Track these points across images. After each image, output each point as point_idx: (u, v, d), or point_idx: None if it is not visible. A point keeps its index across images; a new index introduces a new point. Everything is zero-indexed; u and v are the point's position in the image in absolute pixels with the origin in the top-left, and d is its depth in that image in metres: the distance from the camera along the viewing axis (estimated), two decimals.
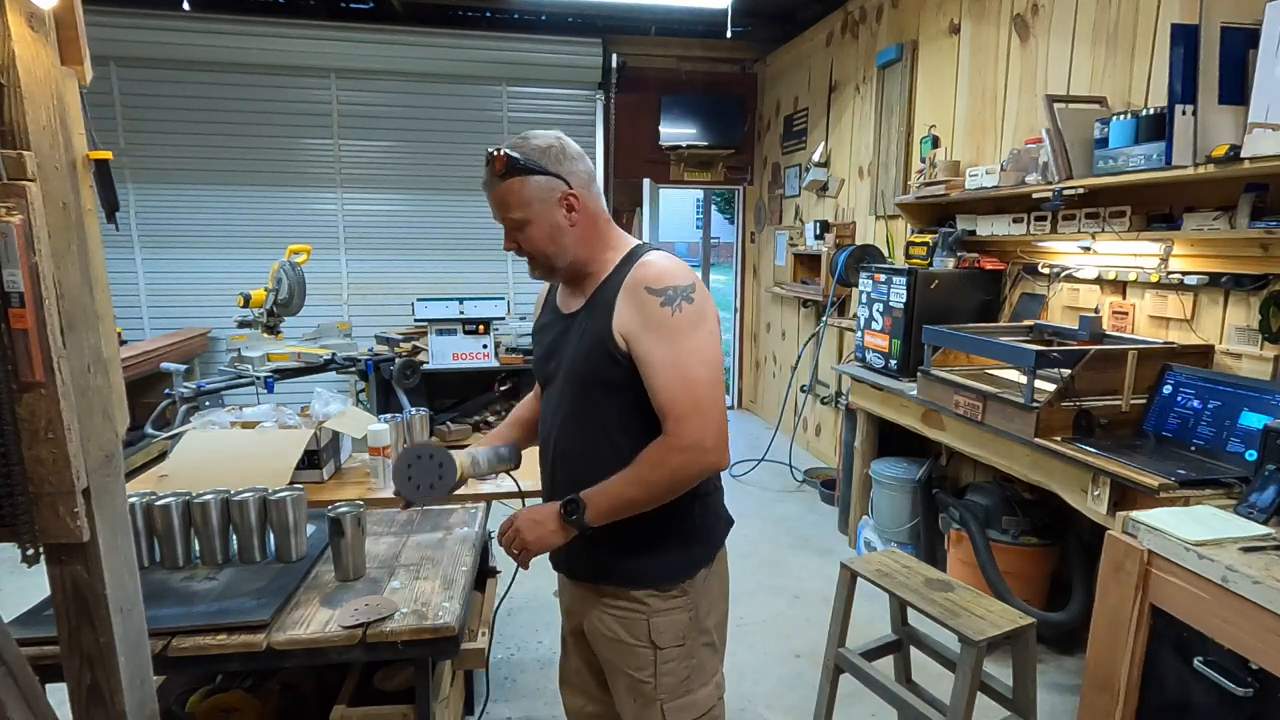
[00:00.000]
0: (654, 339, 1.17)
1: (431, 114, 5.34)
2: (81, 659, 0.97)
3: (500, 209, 1.23)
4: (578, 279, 1.30)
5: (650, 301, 1.18)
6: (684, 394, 1.16)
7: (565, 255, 1.26)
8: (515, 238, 1.25)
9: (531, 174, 1.21)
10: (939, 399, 2.67)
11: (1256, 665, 1.32)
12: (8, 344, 0.83)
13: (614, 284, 1.24)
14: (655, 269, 1.21)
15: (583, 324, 1.26)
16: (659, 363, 1.16)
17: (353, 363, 4.08)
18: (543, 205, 1.22)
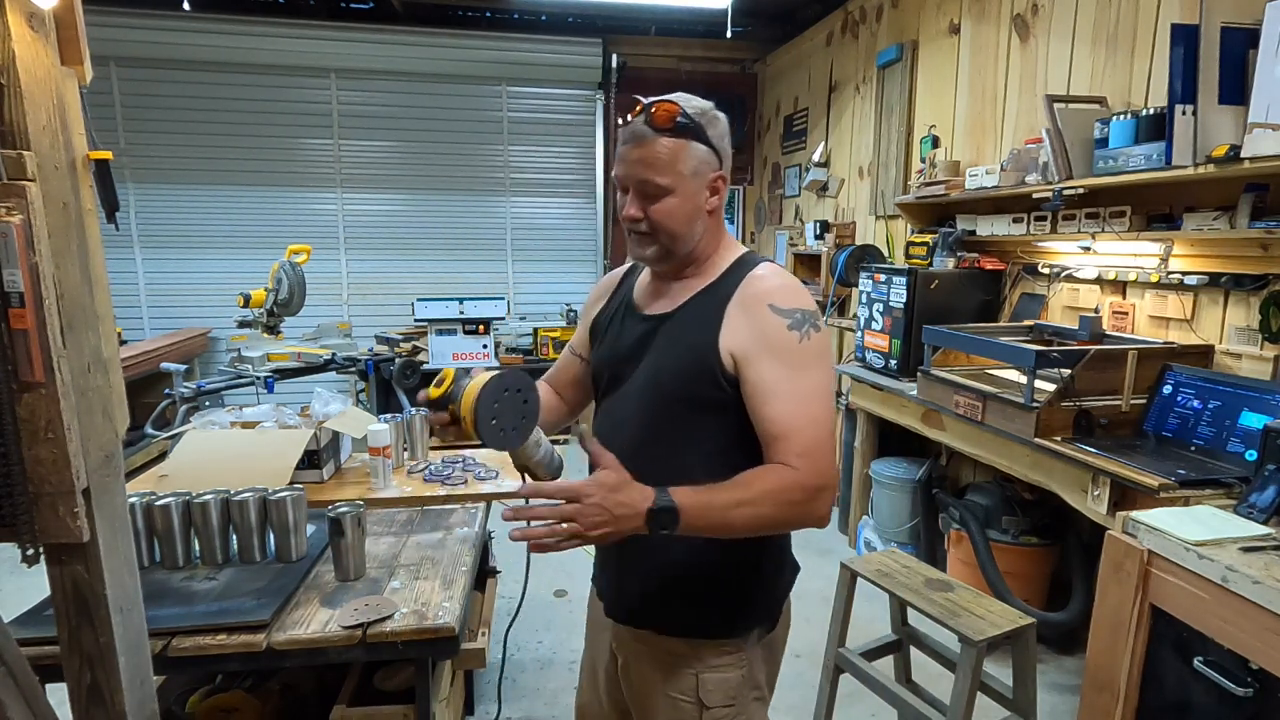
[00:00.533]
0: (777, 364, 1.03)
1: (431, 114, 5.34)
2: (81, 659, 0.97)
3: (645, 168, 1.05)
4: (677, 276, 1.15)
5: (776, 322, 1.04)
6: (808, 429, 1.01)
7: (690, 242, 1.11)
8: (646, 207, 1.07)
9: (695, 140, 1.07)
10: (939, 399, 2.67)
11: (1256, 665, 1.32)
12: (8, 344, 0.83)
13: (721, 292, 1.10)
14: (780, 285, 1.08)
15: (675, 332, 1.11)
16: (781, 392, 1.02)
17: (353, 363, 4.09)
18: (694, 179, 1.07)
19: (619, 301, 1.25)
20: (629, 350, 1.16)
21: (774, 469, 1.01)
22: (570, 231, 5.67)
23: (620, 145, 1.09)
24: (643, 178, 1.06)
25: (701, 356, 1.07)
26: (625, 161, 1.07)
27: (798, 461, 1.00)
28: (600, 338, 1.25)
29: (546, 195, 5.62)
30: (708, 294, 1.12)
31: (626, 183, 1.08)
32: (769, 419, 1.03)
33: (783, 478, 1.00)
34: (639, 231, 1.09)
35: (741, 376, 1.05)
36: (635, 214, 1.08)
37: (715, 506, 0.97)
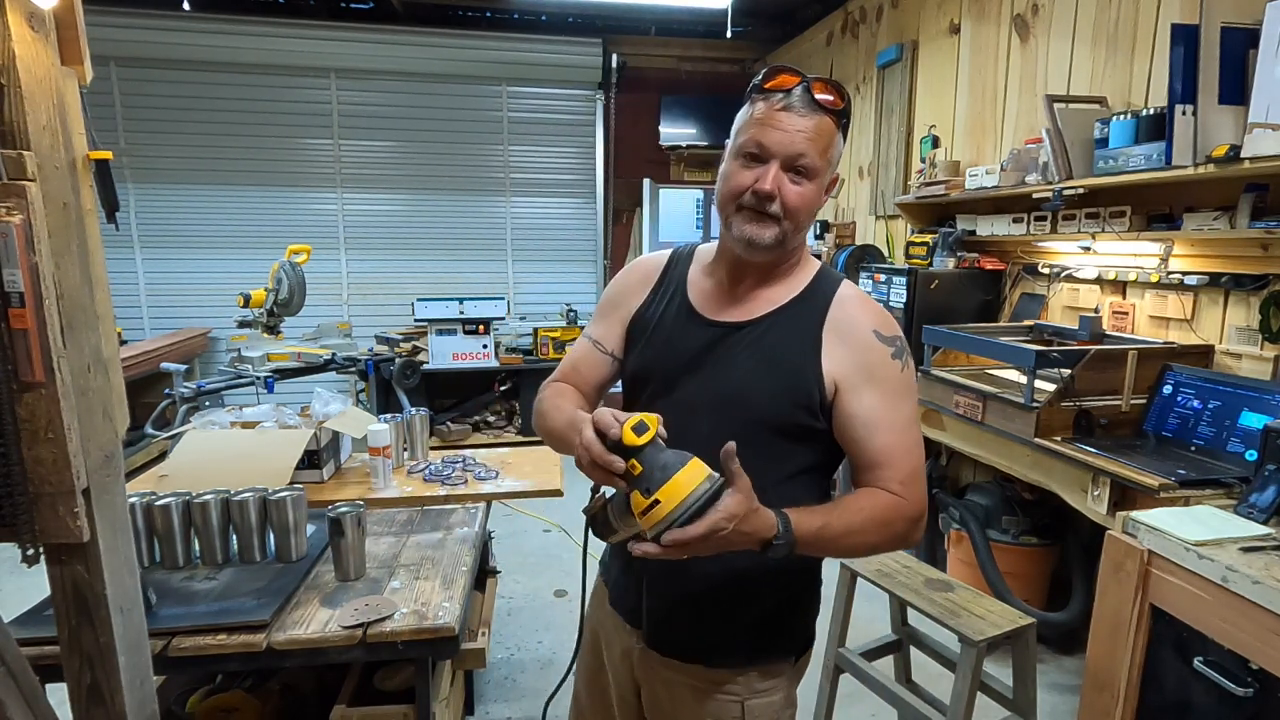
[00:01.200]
0: (881, 394, 0.98)
1: (431, 114, 5.33)
2: (81, 659, 0.97)
3: (802, 140, 0.94)
4: (755, 275, 1.05)
5: (882, 351, 1.00)
6: (909, 458, 0.99)
7: (800, 238, 1.04)
8: (787, 184, 0.96)
9: (844, 134, 0.99)
10: (939, 399, 2.67)
11: (1256, 665, 1.32)
12: (8, 344, 0.83)
13: (811, 309, 1.03)
14: (878, 311, 1.04)
15: (762, 348, 1.01)
16: (885, 422, 0.98)
17: (353, 363, 4.09)
18: (829, 171, 1.00)
19: (668, 298, 1.11)
20: (691, 358, 1.05)
21: (880, 496, 0.97)
22: (570, 231, 5.67)
23: (771, 109, 0.95)
24: (801, 150, 0.95)
25: (799, 380, 0.99)
26: (783, 129, 0.94)
27: (901, 489, 0.97)
28: (644, 338, 1.10)
29: (546, 195, 5.62)
30: (796, 308, 1.03)
31: (779, 151, 0.95)
32: (872, 449, 0.98)
33: (890, 507, 0.96)
34: (766, 212, 0.97)
35: (841, 404, 0.99)
36: (774, 188, 0.95)
37: (828, 537, 0.92)
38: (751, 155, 0.97)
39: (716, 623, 1.06)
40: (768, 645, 1.08)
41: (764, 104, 0.97)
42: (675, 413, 0.99)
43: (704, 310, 1.07)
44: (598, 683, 1.24)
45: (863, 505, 0.96)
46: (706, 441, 0.94)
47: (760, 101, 0.97)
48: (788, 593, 1.09)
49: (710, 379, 1.03)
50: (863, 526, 0.94)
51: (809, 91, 0.95)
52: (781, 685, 1.10)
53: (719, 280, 1.08)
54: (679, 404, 1.03)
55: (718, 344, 1.04)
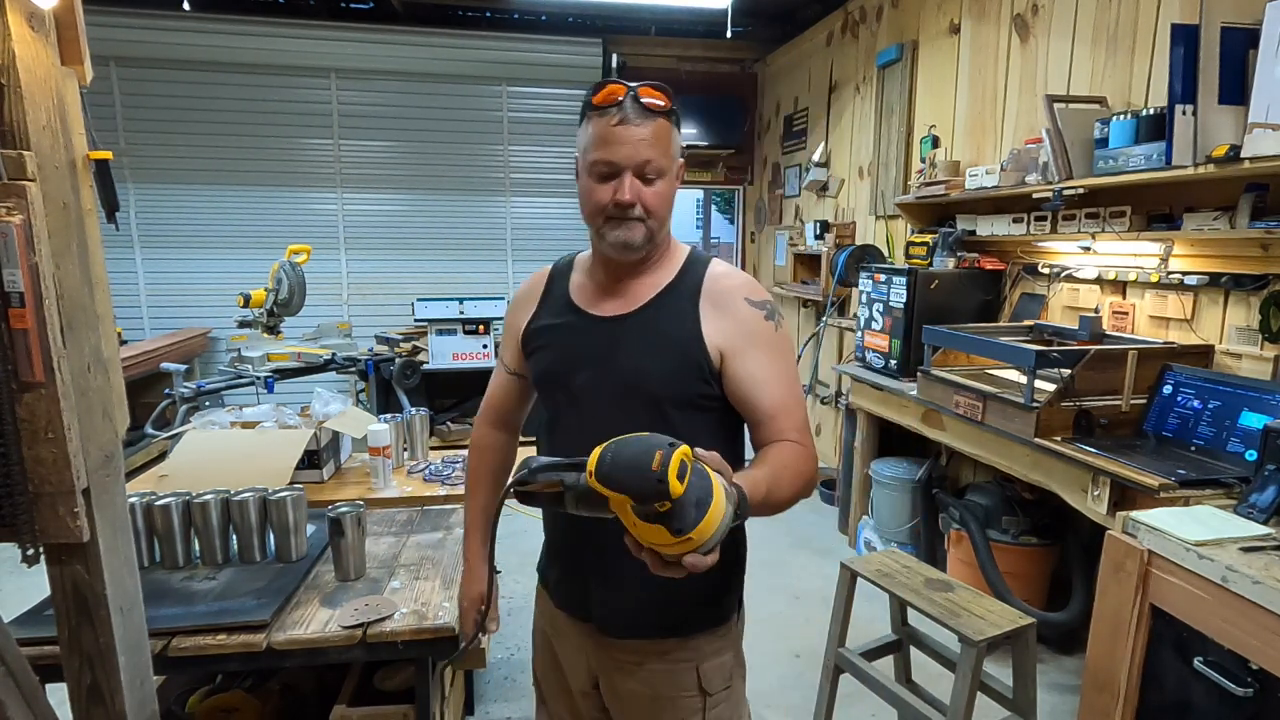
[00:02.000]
0: (764, 354, 1.07)
1: (431, 114, 5.34)
2: (81, 659, 0.97)
3: (645, 148, 1.02)
4: (634, 273, 1.13)
5: (755, 314, 1.08)
6: (798, 409, 1.07)
7: (666, 230, 1.11)
8: (642, 191, 1.04)
9: (677, 126, 1.07)
10: (939, 399, 2.67)
11: (1256, 665, 1.32)
12: (8, 344, 0.83)
13: (686, 289, 1.11)
14: (745, 280, 1.12)
15: (648, 331, 1.09)
16: (771, 378, 1.06)
17: (353, 363, 4.09)
18: (674, 165, 1.08)
19: (555, 307, 1.19)
20: (586, 353, 1.12)
21: (790, 447, 1.03)
22: (570, 231, 5.66)
23: (611, 126, 1.02)
24: (646, 157, 1.02)
25: (687, 353, 1.07)
26: (624, 142, 1.01)
27: (798, 436, 1.04)
28: (540, 346, 1.18)
29: (546, 195, 5.62)
30: (673, 291, 1.11)
31: (625, 164, 1.03)
32: (764, 404, 1.05)
33: (802, 456, 1.03)
34: (632, 217, 1.05)
35: (728, 370, 1.07)
36: (634, 197, 1.03)
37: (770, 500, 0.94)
38: (604, 174, 1.05)
39: (662, 597, 1.10)
40: (710, 608, 1.15)
41: (601, 121, 1.03)
42: (581, 405, 1.12)
43: (590, 309, 1.14)
44: (558, 683, 1.28)
45: (786, 462, 1.01)
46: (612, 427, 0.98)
47: (597, 119, 1.04)
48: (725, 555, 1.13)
49: (608, 369, 1.09)
50: (791, 482, 0.99)
51: (637, 100, 1.02)
52: (729, 645, 1.18)
53: (599, 281, 1.16)
54: (582, 397, 1.12)
55: (608, 336, 1.11)
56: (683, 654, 1.14)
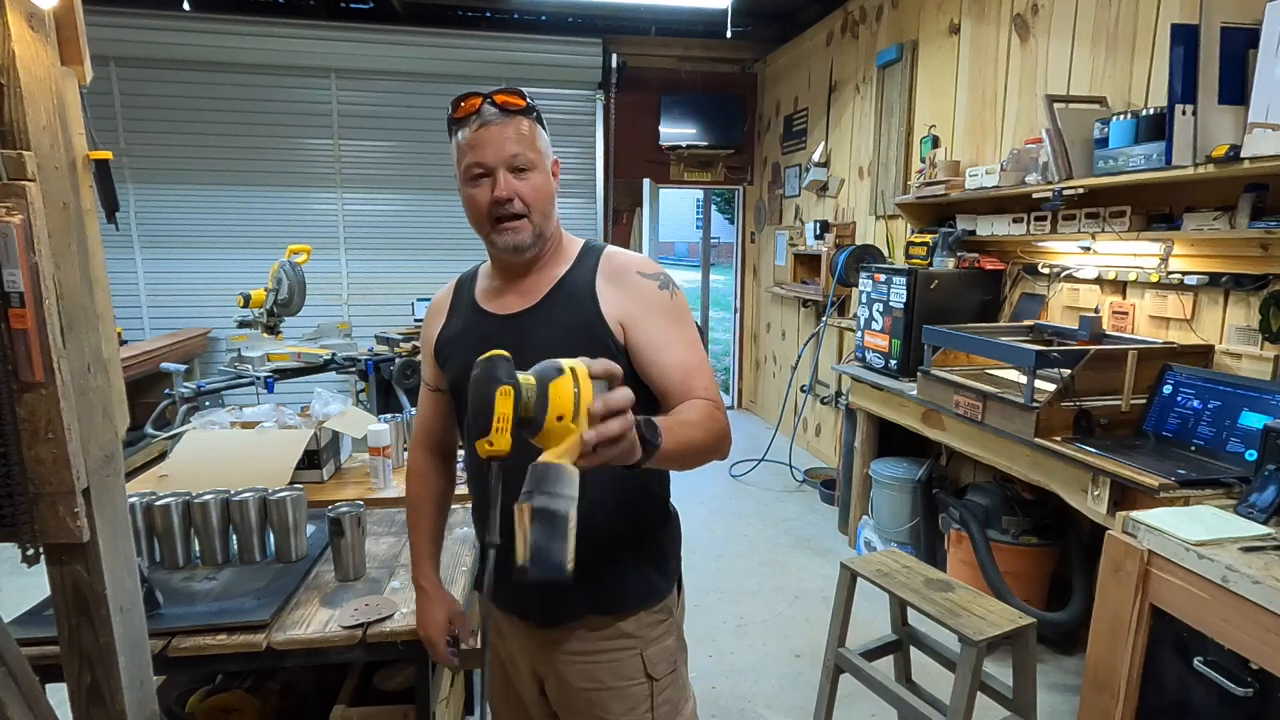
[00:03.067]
0: (661, 321, 1.10)
1: (431, 114, 5.33)
2: (81, 659, 0.97)
3: (509, 144, 1.06)
4: (530, 269, 1.16)
5: (647, 285, 1.12)
6: (704, 370, 1.10)
7: (551, 224, 1.15)
8: (516, 185, 1.07)
9: (539, 124, 1.11)
10: (939, 399, 2.67)
11: (1256, 665, 1.32)
12: (8, 344, 0.83)
13: (582, 274, 1.14)
14: (636, 257, 1.17)
15: (550, 320, 1.12)
16: (673, 342, 1.09)
17: (353, 363, 4.09)
18: (546, 158, 1.12)
19: (462, 315, 1.22)
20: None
21: (696, 403, 1.05)
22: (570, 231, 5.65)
23: (472, 131, 1.07)
24: (514, 151, 1.07)
25: (590, 333, 1.09)
26: (489, 144, 1.06)
27: (707, 394, 1.07)
28: (451, 354, 1.19)
29: None
30: (570, 279, 1.14)
31: (494, 162, 1.06)
32: (669, 367, 1.08)
33: (706, 407, 1.05)
34: (512, 214, 1.08)
35: (631, 340, 1.09)
36: (510, 192, 1.07)
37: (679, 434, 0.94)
38: (477, 175, 1.09)
39: (595, 570, 1.11)
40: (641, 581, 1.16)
41: (465, 129, 1.09)
42: None
43: (497, 310, 1.17)
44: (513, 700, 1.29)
45: (689, 408, 1.03)
46: None
47: (462, 129, 1.09)
48: (644, 518, 1.18)
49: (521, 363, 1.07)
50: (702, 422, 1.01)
51: (494, 103, 1.07)
52: (672, 628, 1.20)
53: (499, 283, 1.19)
54: None
55: (514, 331, 1.13)
56: (625, 641, 1.15)
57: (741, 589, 3.13)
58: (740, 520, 3.93)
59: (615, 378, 0.84)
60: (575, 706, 1.17)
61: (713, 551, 3.51)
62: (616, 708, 1.15)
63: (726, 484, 4.51)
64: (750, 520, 3.93)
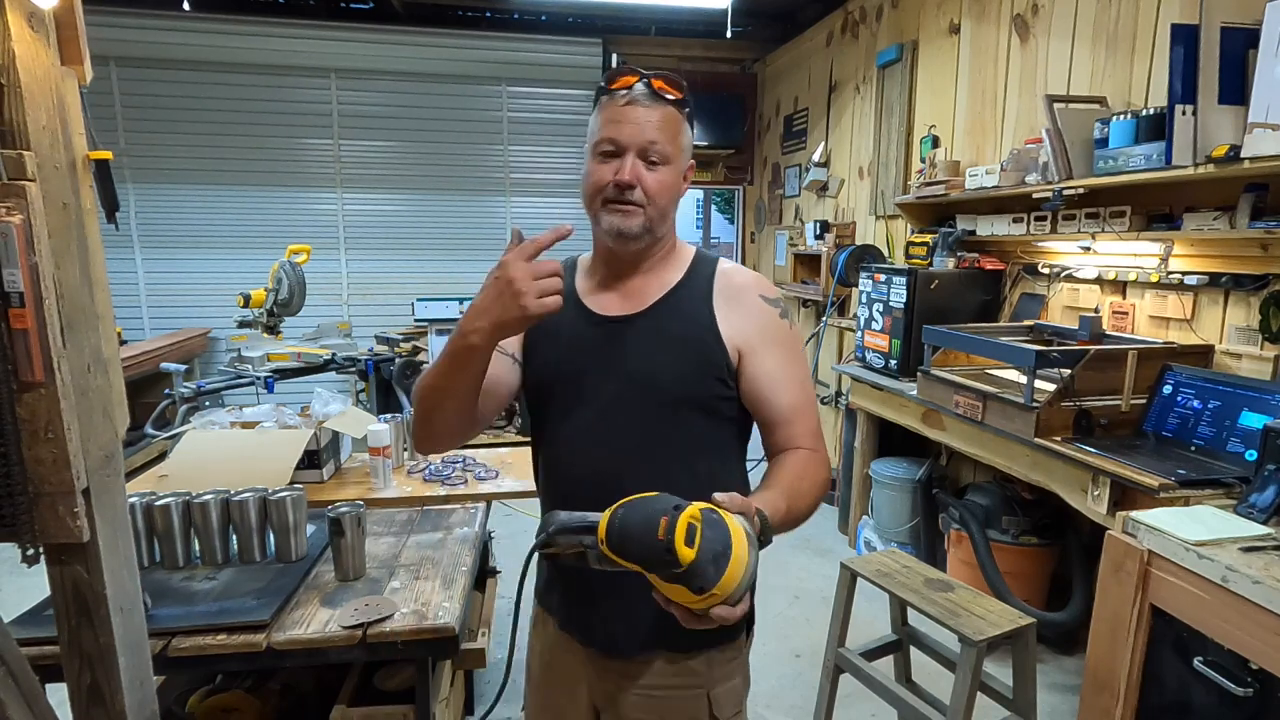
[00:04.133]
0: (780, 353, 1.04)
1: (431, 114, 5.34)
2: (81, 659, 0.97)
3: (651, 129, 0.99)
4: (638, 269, 1.09)
5: (770, 311, 1.06)
6: (811, 413, 1.04)
7: (667, 226, 1.07)
8: (644, 173, 1.00)
9: (688, 121, 1.05)
10: (939, 399, 2.67)
11: (1256, 665, 1.32)
12: (8, 344, 0.83)
13: (697, 287, 1.07)
14: (754, 276, 1.10)
15: (661, 331, 1.04)
16: (787, 378, 1.04)
17: (353, 363, 4.09)
18: (684, 156, 1.05)
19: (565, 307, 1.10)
20: (596, 356, 1.06)
21: (803, 456, 1.01)
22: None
23: (619, 105, 1.00)
24: (651, 138, 0.99)
25: (704, 351, 1.02)
26: (631, 121, 0.98)
27: (812, 442, 1.02)
28: (542, 345, 1.10)
29: (546, 195, 5.62)
30: (684, 289, 1.07)
31: (630, 143, 0.99)
32: (780, 407, 1.03)
33: (817, 464, 1.01)
34: (629, 201, 1.00)
35: (746, 367, 1.03)
36: (633, 178, 0.99)
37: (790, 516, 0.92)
38: (607, 152, 1.02)
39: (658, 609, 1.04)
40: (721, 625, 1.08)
41: (610, 102, 1.01)
42: (588, 411, 1.05)
43: (598, 309, 1.09)
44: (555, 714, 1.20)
45: (801, 473, 0.99)
46: (629, 434, 1.02)
47: (607, 101, 1.02)
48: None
49: (618, 373, 1.04)
50: (809, 493, 0.97)
51: (650, 86, 1.00)
52: (739, 668, 1.13)
53: (601, 278, 1.11)
54: (592, 404, 1.05)
55: (618, 336, 1.05)
56: (692, 679, 1.08)
57: None
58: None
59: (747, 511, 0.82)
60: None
61: None
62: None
63: None
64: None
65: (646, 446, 1.03)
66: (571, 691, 1.16)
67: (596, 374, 1.05)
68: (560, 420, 1.09)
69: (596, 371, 1.05)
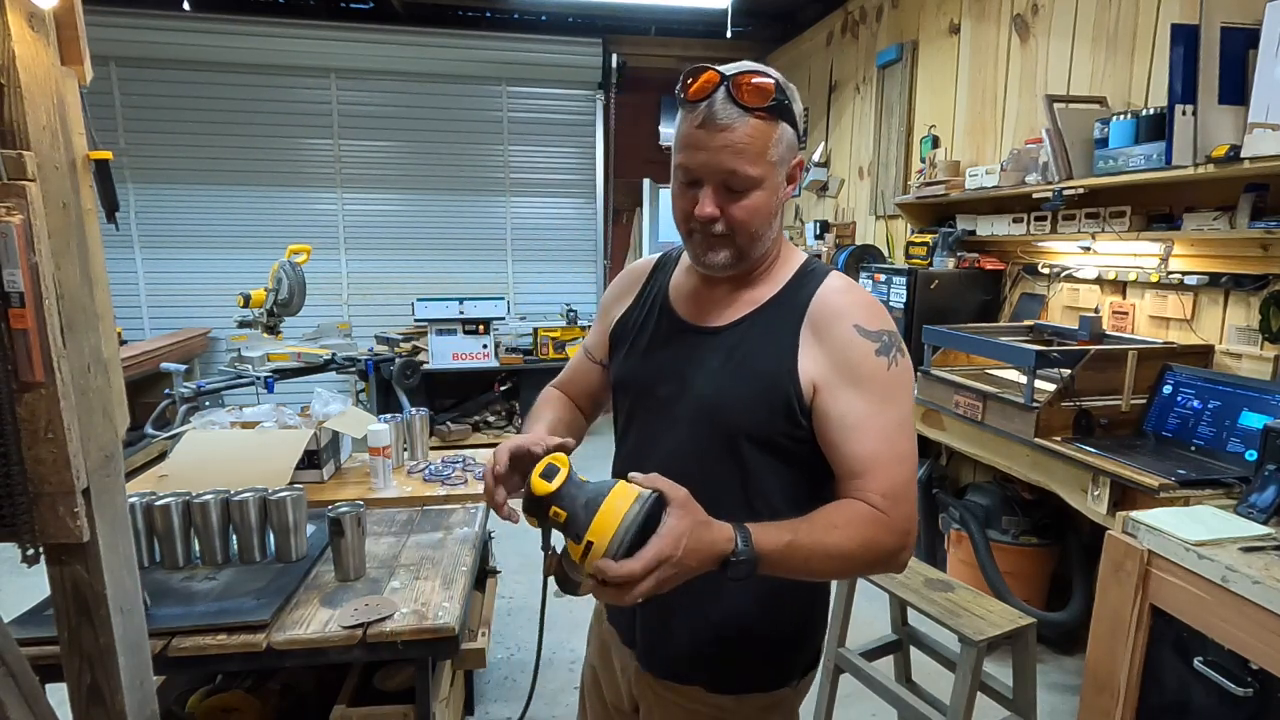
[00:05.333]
0: (863, 394, 0.89)
1: (431, 114, 5.34)
2: (81, 659, 0.97)
3: (730, 155, 0.86)
4: (733, 280, 0.99)
5: (862, 346, 0.90)
6: (894, 467, 0.88)
7: (766, 243, 0.95)
8: (726, 204, 0.89)
9: (784, 121, 0.89)
10: (939, 399, 2.67)
11: (1256, 665, 1.32)
12: (8, 344, 0.83)
13: (791, 307, 0.95)
14: (863, 303, 0.94)
15: (737, 352, 0.95)
16: (867, 426, 0.88)
17: (353, 363, 4.09)
18: (780, 167, 0.91)
19: (649, 304, 1.06)
20: (671, 366, 0.99)
21: (858, 507, 0.87)
22: (570, 231, 5.67)
23: (693, 127, 0.87)
24: (731, 168, 0.87)
25: (775, 385, 0.91)
26: (706, 148, 0.87)
27: (883, 503, 0.87)
28: (626, 345, 1.06)
29: (546, 195, 5.62)
30: (774, 308, 0.96)
31: (705, 174, 0.88)
32: (852, 456, 0.89)
33: (869, 522, 0.86)
34: (714, 233, 0.91)
35: (819, 406, 0.91)
36: (713, 212, 0.89)
37: (798, 555, 0.82)
38: (684, 180, 0.92)
39: (714, 644, 0.99)
40: (771, 668, 1.01)
41: (686, 118, 0.90)
42: (664, 426, 0.99)
43: (684, 314, 1.02)
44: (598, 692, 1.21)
45: (836, 520, 0.86)
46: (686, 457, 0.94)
47: (684, 114, 0.90)
48: (792, 612, 1.01)
49: (687, 387, 0.97)
50: (839, 543, 0.84)
51: (730, 94, 0.86)
52: (784, 711, 1.05)
53: (696, 283, 1.03)
54: (660, 412, 1.00)
55: (695, 350, 0.98)
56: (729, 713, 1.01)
57: None
58: None
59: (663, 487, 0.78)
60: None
61: None
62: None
63: None
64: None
65: (704, 472, 0.92)
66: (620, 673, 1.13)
67: (667, 382, 1.00)
68: (630, 423, 1.05)
69: (668, 379, 1.00)
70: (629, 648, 1.08)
